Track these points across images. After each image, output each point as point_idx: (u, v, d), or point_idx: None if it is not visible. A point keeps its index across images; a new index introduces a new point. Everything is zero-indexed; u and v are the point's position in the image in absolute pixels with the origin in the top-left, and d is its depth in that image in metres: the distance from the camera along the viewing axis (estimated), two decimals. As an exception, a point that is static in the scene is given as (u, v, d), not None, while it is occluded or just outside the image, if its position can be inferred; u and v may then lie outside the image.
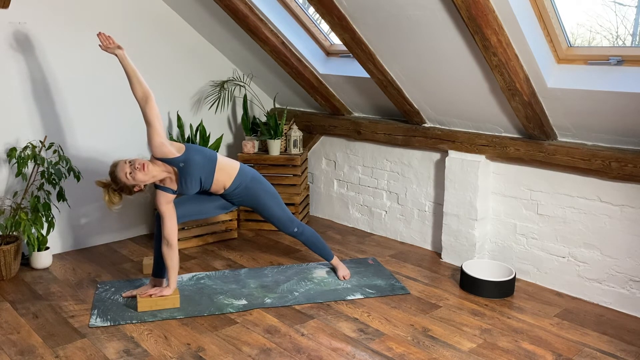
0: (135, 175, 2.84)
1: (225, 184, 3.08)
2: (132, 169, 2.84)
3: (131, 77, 2.92)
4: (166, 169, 2.94)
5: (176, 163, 2.93)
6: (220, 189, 3.09)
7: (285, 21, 3.82)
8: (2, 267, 3.28)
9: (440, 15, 2.81)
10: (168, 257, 2.95)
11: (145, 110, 2.90)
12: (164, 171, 2.94)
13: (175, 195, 2.99)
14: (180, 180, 2.96)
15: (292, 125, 4.37)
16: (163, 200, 2.96)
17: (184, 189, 2.99)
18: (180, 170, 2.94)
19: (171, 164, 2.93)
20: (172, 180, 2.97)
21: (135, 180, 2.86)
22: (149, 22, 3.98)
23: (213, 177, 3.03)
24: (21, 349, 2.59)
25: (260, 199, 3.18)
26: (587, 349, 2.64)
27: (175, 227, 2.96)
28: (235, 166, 3.12)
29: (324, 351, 2.60)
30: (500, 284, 3.16)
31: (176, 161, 2.93)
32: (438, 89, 3.37)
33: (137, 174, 2.84)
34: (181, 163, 2.93)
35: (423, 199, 3.94)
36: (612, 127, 2.91)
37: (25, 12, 3.44)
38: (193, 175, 2.96)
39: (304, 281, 3.35)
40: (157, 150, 2.91)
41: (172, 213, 2.97)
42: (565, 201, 3.21)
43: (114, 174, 2.89)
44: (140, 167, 2.84)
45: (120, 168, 2.87)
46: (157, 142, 2.90)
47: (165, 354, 2.56)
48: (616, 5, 2.91)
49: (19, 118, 3.51)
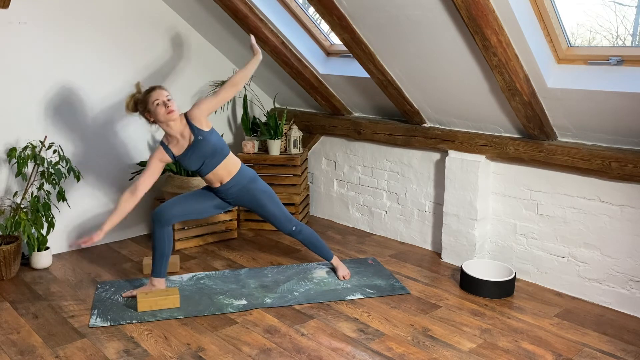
0: (157, 109, 2.90)
1: (222, 179, 3.09)
2: (162, 103, 2.90)
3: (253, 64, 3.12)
4: (184, 131, 2.98)
5: (197, 133, 2.97)
6: (216, 182, 3.11)
7: (285, 21, 3.82)
8: (2, 267, 3.28)
9: (440, 15, 2.81)
10: (125, 202, 2.95)
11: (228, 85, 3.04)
12: (179, 132, 2.98)
13: (170, 160, 3.03)
14: (187, 151, 2.99)
15: (292, 125, 4.37)
16: (157, 156, 3.00)
17: (183, 159, 3.02)
18: (194, 141, 2.97)
19: (192, 131, 2.97)
20: (178, 144, 3.01)
21: (154, 112, 2.91)
22: (149, 22, 3.98)
23: (214, 168, 3.05)
24: (21, 349, 2.59)
25: (258, 199, 3.18)
26: (587, 349, 2.64)
27: (148, 184, 2.99)
28: (237, 165, 3.13)
29: (324, 351, 2.60)
30: (500, 284, 3.16)
31: (198, 132, 2.97)
32: (438, 89, 3.37)
33: (160, 109, 2.90)
34: (200, 136, 2.98)
35: (423, 199, 3.94)
36: (612, 127, 2.91)
37: (25, 12, 3.44)
38: (200, 154, 3.00)
39: (304, 281, 3.35)
40: (197, 112, 2.97)
41: (155, 171, 3.01)
42: (565, 201, 3.21)
43: (150, 91, 2.94)
44: (169, 108, 2.90)
45: (156, 94, 2.92)
46: (205, 107, 2.99)
47: (165, 354, 2.56)
48: (616, 5, 2.91)
49: (19, 118, 3.51)
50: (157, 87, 2.97)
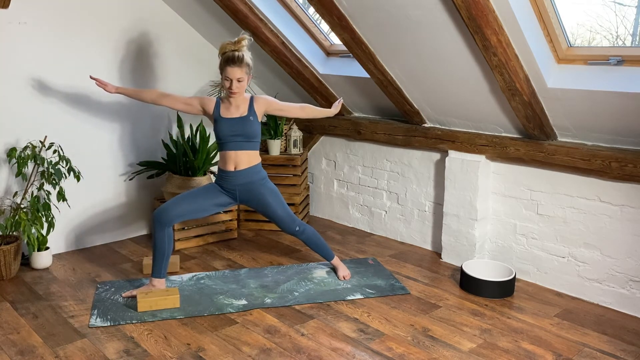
0: (224, 83, 3.02)
1: (238, 165, 3.11)
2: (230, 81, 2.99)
3: None
4: (242, 105, 3.09)
5: (250, 113, 3.08)
6: (231, 165, 3.11)
7: (285, 21, 3.82)
8: (2, 267, 3.28)
9: (440, 15, 2.81)
10: (147, 91, 3.19)
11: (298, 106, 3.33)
12: (237, 103, 3.09)
13: (211, 113, 3.12)
14: (232, 119, 3.08)
15: (292, 125, 4.37)
16: (204, 100, 3.14)
17: (223, 123, 3.07)
18: (244, 117, 3.07)
19: (249, 109, 3.09)
20: (229, 110, 3.09)
21: (222, 82, 3.05)
22: (149, 22, 3.98)
23: (240, 149, 3.10)
24: (21, 349, 2.59)
25: (265, 198, 3.18)
26: (587, 349, 2.64)
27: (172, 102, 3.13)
28: (257, 160, 3.17)
29: (324, 351, 2.60)
30: (500, 284, 3.16)
31: (252, 113, 3.09)
32: (438, 89, 3.37)
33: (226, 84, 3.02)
34: (251, 117, 3.08)
35: (423, 199, 3.94)
36: (612, 127, 2.91)
37: (25, 12, 3.44)
38: (240, 128, 3.09)
39: (304, 281, 3.35)
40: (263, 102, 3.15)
41: (188, 103, 3.15)
42: (565, 201, 3.21)
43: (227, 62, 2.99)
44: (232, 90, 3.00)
45: (230, 71, 2.97)
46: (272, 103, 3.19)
47: (165, 354, 2.56)
48: (616, 5, 2.91)
49: (19, 118, 3.51)
50: (235, 62, 2.98)
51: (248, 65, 3.02)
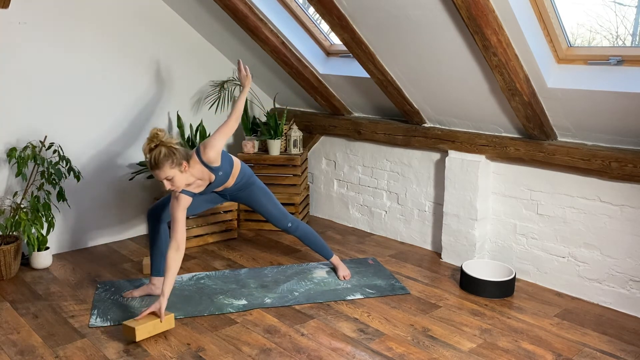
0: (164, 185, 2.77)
1: (227, 185, 3.08)
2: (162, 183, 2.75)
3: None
4: (203, 174, 2.88)
5: (216, 171, 2.91)
6: (221, 187, 3.10)
7: (285, 21, 3.82)
8: (2, 267, 3.28)
9: (440, 15, 2.81)
10: (173, 261, 2.77)
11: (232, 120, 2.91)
12: (198, 177, 2.87)
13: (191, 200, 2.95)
14: (208, 187, 2.97)
15: (292, 125, 4.37)
16: (183, 205, 2.85)
17: (204, 193, 3.01)
18: (215, 179, 2.93)
19: (212, 171, 2.90)
20: (198, 186, 2.93)
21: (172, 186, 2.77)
22: (149, 22, 3.98)
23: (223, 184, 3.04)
24: (21, 349, 2.59)
25: (255, 195, 3.20)
26: (587, 349, 2.64)
27: (184, 233, 2.85)
28: (238, 168, 3.10)
29: (324, 351, 2.60)
30: (500, 284, 3.16)
31: (217, 170, 2.91)
32: (438, 89, 3.37)
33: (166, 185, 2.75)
34: (220, 172, 2.93)
35: (423, 199, 3.94)
36: (612, 127, 2.91)
37: (25, 12, 3.44)
38: (220, 183, 3.00)
39: (304, 281, 3.35)
40: (212, 155, 2.84)
41: (184, 217, 2.87)
42: (565, 201, 3.21)
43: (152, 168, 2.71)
44: (170, 187, 2.76)
45: (155, 175, 2.73)
46: (219, 146, 2.86)
47: (165, 354, 2.56)
48: (616, 5, 2.91)
49: (19, 118, 3.51)
50: (153, 168, 2.70)
51: (171, 159, 2.69)
